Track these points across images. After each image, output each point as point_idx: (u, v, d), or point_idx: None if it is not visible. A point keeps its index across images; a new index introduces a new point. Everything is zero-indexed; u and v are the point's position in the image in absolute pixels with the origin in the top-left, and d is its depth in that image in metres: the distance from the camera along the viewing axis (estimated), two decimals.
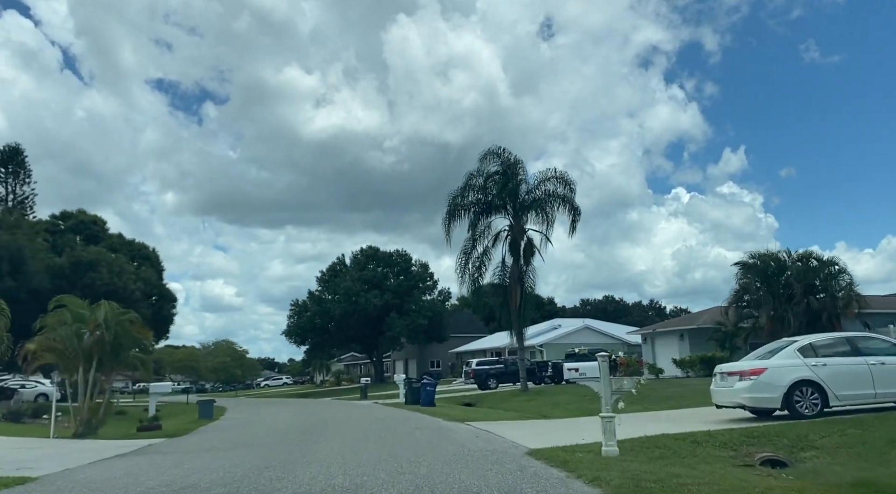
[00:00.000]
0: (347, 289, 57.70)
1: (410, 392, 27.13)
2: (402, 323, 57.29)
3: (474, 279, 31.67)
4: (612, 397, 9.35)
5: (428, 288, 62.36)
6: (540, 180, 31.65)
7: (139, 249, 51.18)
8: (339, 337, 62.92)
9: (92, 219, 50.86)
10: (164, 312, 51.55)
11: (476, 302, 30.59)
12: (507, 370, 36.29)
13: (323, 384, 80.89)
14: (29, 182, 53.32)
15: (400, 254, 62.62)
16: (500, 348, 54.14)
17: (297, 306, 61.75)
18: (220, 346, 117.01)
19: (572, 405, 23.52)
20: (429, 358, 67.75)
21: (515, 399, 29.23)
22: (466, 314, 75.58)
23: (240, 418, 22.37)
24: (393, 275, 61.85)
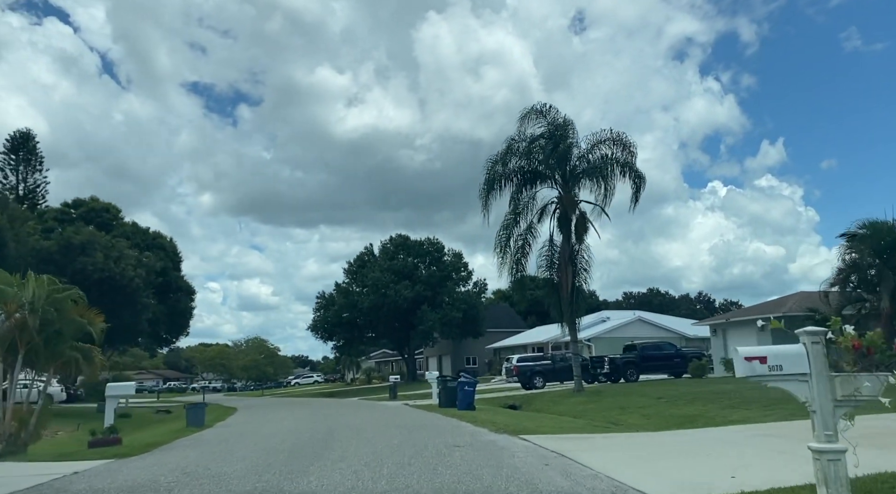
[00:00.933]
0: (376, 280, 53.61)
1: (445, 393, 22.77)
2: (434, 317, 53.00)
3: (516, 261, 27.10)
4: (839, 409, 4.81)
5: (462, 279, 57.94)
6: (593, 143, 26.94)
7: (153, 238, 47.96)
8: (369, 332, 58.93)
9: (104, 206, 47.80)
10: (182, 305, 48.25)
11: (518, 289, 26.17)
12: (554, 367, 31.66)
13: (353, 382, 77.21)
14: (41, 170, 50.59)
15: (431, 242, 58.31)
16: (542, 342, 49.45)
17: (323, 299, 57.96)
18: (251, 343, 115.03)
19: (649, 410, 18.83)
20: (464, 355, 63.34)
21: (569, 401, 24.63)
22: (503, 307, 71.00)
23: (235, 426, 18.32)
24: (424, 265, 57.57)
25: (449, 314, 53.74)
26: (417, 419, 18.28)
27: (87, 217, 46.65)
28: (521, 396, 27.87)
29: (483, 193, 26.84)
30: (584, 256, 26.80)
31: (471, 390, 21.21)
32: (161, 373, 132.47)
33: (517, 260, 27.16)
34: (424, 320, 52.97)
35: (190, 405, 18.07)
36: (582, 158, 26.95)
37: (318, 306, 57.87)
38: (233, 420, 21.57)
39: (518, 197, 26.99)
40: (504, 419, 16.55)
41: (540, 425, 15.19)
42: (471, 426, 14.69)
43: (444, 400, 22.97)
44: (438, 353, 65.65)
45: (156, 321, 45.60)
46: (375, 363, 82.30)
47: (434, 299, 55.42)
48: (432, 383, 25.35)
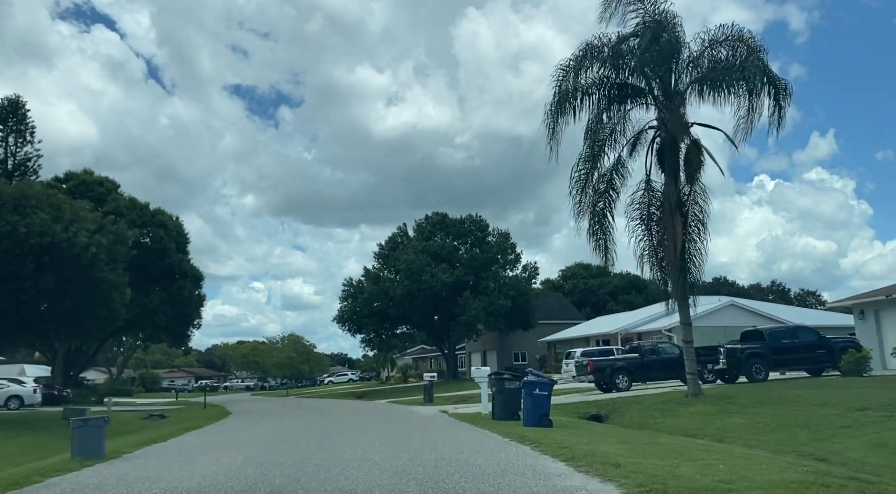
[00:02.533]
0: (409, 263, 46.18)
1: (502, 398, 15.15)
2: (478, 305, 45.32)
3: (597, 211, 19.16)
4: None
5: (509, 263, 50.09)
6: (707, 45, 18.85)
7: (153, 215, 41.58)
8: (402, 323, 51.61)
9: (98, 180, 41.67)
10: (186, 292, 41.75)
11: (602, 251, 18.69)
12: (643, 362, 23.57)
13: (388, 381, 70.13)
14: (33, 141, 44.63)
15: (473, 220, 50.56)
16: (607, 334, 41.32)
17: (350, 286, 50.85)
18: (287, 340, 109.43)
19: (865, 431, 10.75)
20: (511, 350, 55.48)
21: (686, 411, 16.65)
22: (555, 297, 62.85)
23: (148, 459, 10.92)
24: (465, 247, 49.94)
25: (495, 302, 45.98)
26: (462, 445, 10.65)
27: (76, 191, 40.56)
28: (604, 402, 19.98)
29: (550, 117, 18.97)
30: (699, 202, 18.71)
31: (545, 394, 13.48)
32: (194, 371, 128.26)
33: (600, 212, 19.22)
34: (466, 309, 45.34)
35: (77, 422, 10.77)
36: (692, 64, 18.89)
37: (344, 294, 50.82)
38: (174, 444, 14.29)
39: (600, 122, 19.05)
40: (622, 453, 8.75)
41: (701, 466, 7.44)
42: (576, 477, 7.04)
43: (500, 409, 15.32)
44: (482, 348, 57.94)
45: (153, 310, 39.22)
46: (412, 359, 75.04)
47: (477, 285, 47.74)
48: (481, 383, 17.68)
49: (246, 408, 32.90)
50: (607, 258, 19.54)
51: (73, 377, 46.75)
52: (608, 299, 73.57)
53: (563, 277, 78.50)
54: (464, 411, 20.18)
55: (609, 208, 19.29)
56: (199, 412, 32.84)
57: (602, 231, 19.34)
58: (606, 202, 19.28)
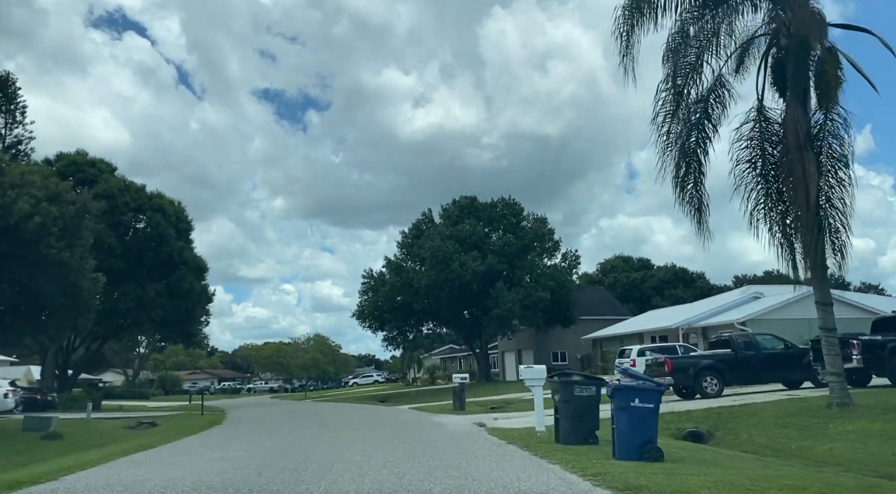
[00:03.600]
0: (435, 250, 41.16)
1: (570, 411, 10.07)
2: (513, 298, 40.12)
3: (687, 149, 13.87)
4: None
5: (547, 251, 44.75)
6: None
7: (149, 198, 37.27)
8: (428, 319, 46.62)
9: (91, 161, 37.57)
10: (186, 284, 37.35)
11: (692, 203, 13.67)
12: (738, 359, 18.13)
13: (414, 382, 65.26)
14: (24, 122, 40.78)
15: (506, 203, 45.35)
16: (665, 330, 35.78)
17: (370, 279, 46.04)
18: (312, 341, 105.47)
19: None
20: (549, 348, 50.10)
21: (843, 431, 11.27)
22: (597, 290, 57.23)
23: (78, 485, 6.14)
24: (498, 234, 44.78)
25: (532, 294, 40.73)
26: None
27: (66, 171, 36.53)
28: (697, 413, 14.66)
29: (624, 20, 13.81)
30: (838, 133, 13.27)
31: (649, 407, 8.30)
32: (217, 373, 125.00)
33: (691, 150, 13.93)
34: (500, 301, 40.15)
35: None
36: None
37: (364, 287, 46.00)
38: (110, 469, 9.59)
39: (693, 24, 13.77)
40: None
41: None
42: None
43: (567, 427, 10.20)
44: (516, 347, 52.69)
45: (148, 303, 34.91)
46: (440, 359, 70.01)
47: (511, 275, 42.58)
48: (533, 386, 12.51)
49: (244, 415, 28.30)
50: (700, 216, 14.23)
51: (71, 379, 42.78)
52: (653, 294, 67.77)
53: (602, 270, 72.79)
54: (506, 424, 15.11)
55: (703, 145, 14.03)
56: (192, 419, 28.37)
57: (694, 177, 14.07)
58: (700, 138, 14.02)
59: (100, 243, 33.72)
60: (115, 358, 79.49)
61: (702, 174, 14.13)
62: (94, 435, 23.01)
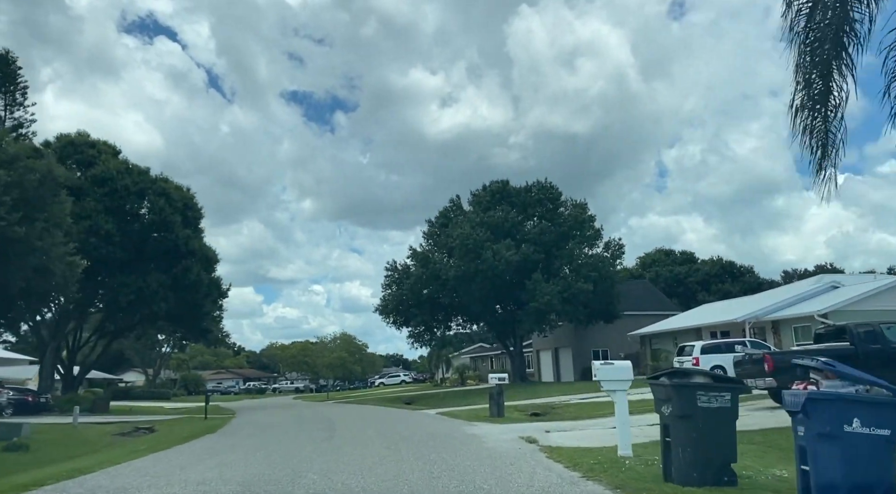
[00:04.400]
0: (465, 238, 37.34)
1: (692, 432, 6.24)
2: (551, 290, 36.11)
3: (822, 60, 9.81)
4: None
5: (587, 240, 40.61)
6: None
7: (153, 181, 34.15)
8: (457, 314, 42.81)
9: (90, 142, 34.64)
10: (192, 276, 34.17)
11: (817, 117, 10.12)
12: (859, 353, 13.95)
13: (443, 383, 61.57)
14: (24, 104, 38.14)
15: (542, 187, 41.34)
16: (727, 324, 31.44)
17: (394, 271, 42.42)
18: (339, 340, 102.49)
19: None
20: (589, 346, 45.87)
21: None
22: (640, 284, 52.78)
23: None
24: (533, 221, 40.79)
25: (573, 286, 36.65)
26: None
27: (63, 153, 33.68)
28: None
29: None
30: None
31: (886, 436, 4.46)
32: (242, 373, 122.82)
33: (825, 65, 9.88)
34: (537, 294, 36.15)
35: None
36: None
37: (387, 280, 42.38)
38: None
39: None
40: None
41: None
42: None
43: (689, 458, 6.28)
44: (553, 345, 48.56)
45: (148, 296, 31.78)
46: (470, 358, 66.15)
47: (549, 265, 38.58)
48: (614, 390, 8.65)
49: (249, 421, 24.92)
50: (823, 155, 10.14)
51: (78, 379, 39.96)
52: (698, 289, 62.98)
53: (643, 265, 68.12)
54: (566, 440, 11.27)
55: (843, 56, 9.97)
56: (192, 425, 25.09)
57: (823, 100, 10.01)
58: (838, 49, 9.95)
59: (97, 230, 30.75)
60: (135, 357, 77.37)
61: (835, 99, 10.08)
62: (71, 445, 19.82)
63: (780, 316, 29.03)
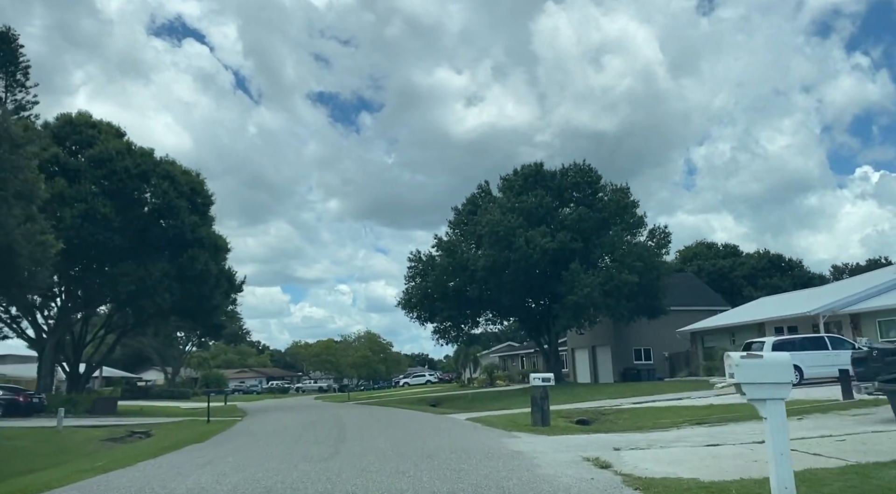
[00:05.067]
0: (495, 225, 33.99)
1: None
2: (591, 281, 32.60)
3: None
4: None
5: (630, 227, 36.95)
6: None
7: (155, 164, 31.47)
8: (486, 308, 39.45)
9: (91, 123, 32.10)
10: (198, 265, 31.45)
11: None
12: None
13: (470, 383, 58.27)
14: (26, 86, 35.83)
15: (580, 170, 37.75)
16: (795, 318, 27.61)
17: (418, 262, 39.24)
18: (363, 338, 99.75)
19: None
20: (630, 344, 42.24)
21: None
22: (684, 277, 48.83)
23: None
24: (569, 205, 37.29)
25: (615, 277, 33.11)
26: None
27: (60, 133, 31.25)
28: None
29: None
30: None
31: None
32: (265, 372, 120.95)
33: None
34: (575, 286, 32.65)
35: None
36: None
37: (411, 272, 39.18)
38: None
39: None
40: None
41: None
42: None
43: None
44: (590, 343, 44.97)
45: (150, 286, 29.12)
46: (499, 357, 62.71)
47: (588, 254, 35.08)
48: (767, 398, 5.31)
49: (253, 425, 21.95)
50: None
51: (84, 377, 37.57)
52: (744, 284, 58.75)
53: (683, 258, 63.94)
54: (656, 466, 7.89)
55: None
56: (192, 429, 22.27)
57: None
58: None
59: (93, 214, 28.17)
60: (155, 356, 75.49)
61: None
62: (43, 454, 17.07)
63: (860, 309, 25.19)
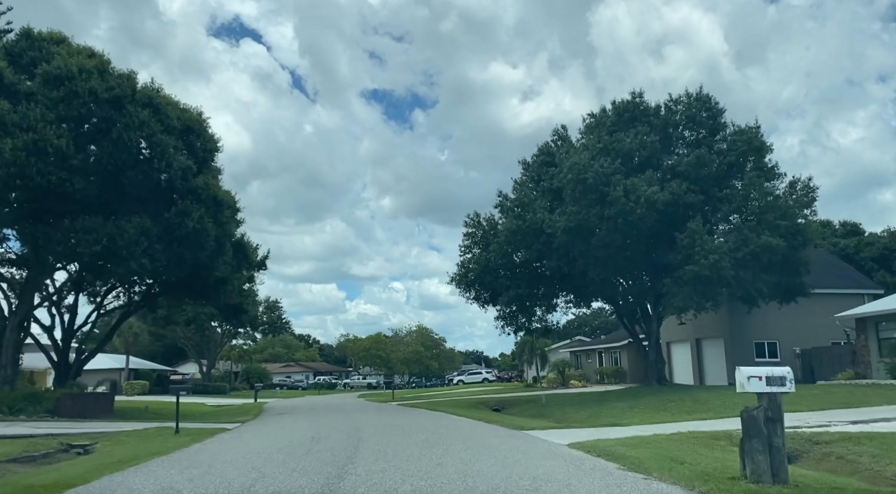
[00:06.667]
0: (581, 170, 24.97)
1: None
2: (720, 246, 23.36)
3: None
4: None
5: (763, 177, 27.29)
6: None
7: (132, 90, 23.76)
8: (565, 287, 30.51)
9: (56, 38, 24.74)
10: (191, 222, 23.71)
11: None
12: None
13: (537, 383, 49.36)
14: None
15: (698, 98, 28.29)
16: None
17: (476, 226, 30.67)
18: (414, 333, 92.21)
19: None
20: (749, 337, 32.56)
21: None
22: (818, 254, 38.52)
23: None
24: (681, 147, 28.00)
25: (753, 241, 23.71)
26: None
27: (12, 49, 24.07)
28: None
29: None
30: None
31: None
32: (313, 366, 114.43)
33: None
34: (697, 253, 23.44)
35: None
36: None
37: (467, 240, 30.64)
38: None
39: None
40: None
41: None
42: None
43: None
44: (693, 335, 35.42)
45: (121, 247, 21.58)
46: (570, 352, 53.38)
47: (713, 208, 25.80)
48: None
49: (243, 438, 13.82)
50: None
51: (74, 368, 30.58)
52: (873, 267, 47.77)
53: None
54: None
55: None
56: (150, 442, 14.55)
57: None
58: None
59: (42, 147, 20.83)
60: (190, 348, 69.43)
61: None
62: None
63: None
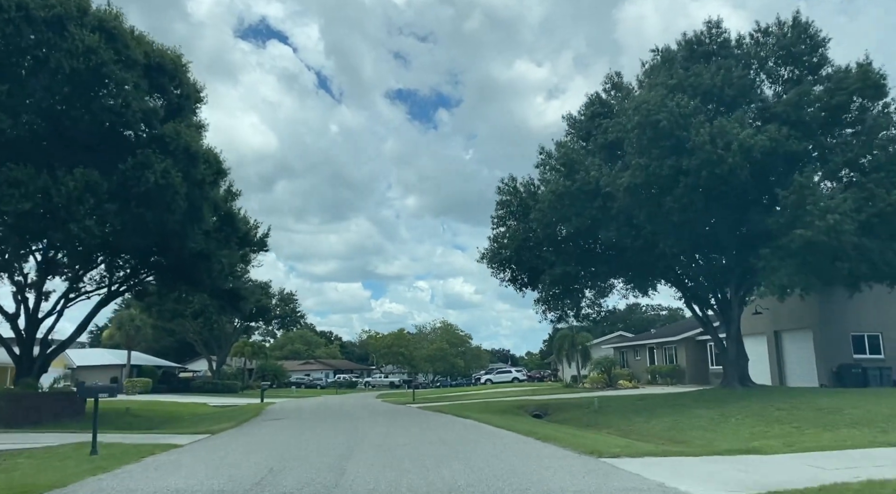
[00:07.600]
0: (650, 110, 19.33)
1: None
2: (838, 204, 17.64)
3: None
4: None
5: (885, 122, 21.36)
6: None
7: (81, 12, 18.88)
8: (625, 266, 24.83)
9: None
10: (151, 175, 18.61)
11: None
12: None
13: (578, 383, 43.68)
14: None
15: (793, 25, 22.45)
16: None
17: (512, 195, 25.15)
18: (439, 329, 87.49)
19: None
20: (846, 328, 26.61)
21: None
22: None
23: None
24: (776, 84, 22.20)
25: (883, 198, 17.93)
26: None
27: None
28: None
29: None
30: None
31: None
32: (334, 364, 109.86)
33: None
34: (806, 211, 17.73)
35: None
36: None
37: (500, 210, 25.16)
38: None
39: None
40: None
41: None
42: None
43: None
44: (771, 327, 29.50)
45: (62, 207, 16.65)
46: (614, 349, 47.42)
47: (822, 161, 19.99)
48: None
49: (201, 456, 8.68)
50: None
51: (39, 362, 25.85)
52: None
53: None
54: None
55: None
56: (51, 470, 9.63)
57: None
58: None
59: None
60: (199, 343, 65.14)
61: None
62: None
63: None
